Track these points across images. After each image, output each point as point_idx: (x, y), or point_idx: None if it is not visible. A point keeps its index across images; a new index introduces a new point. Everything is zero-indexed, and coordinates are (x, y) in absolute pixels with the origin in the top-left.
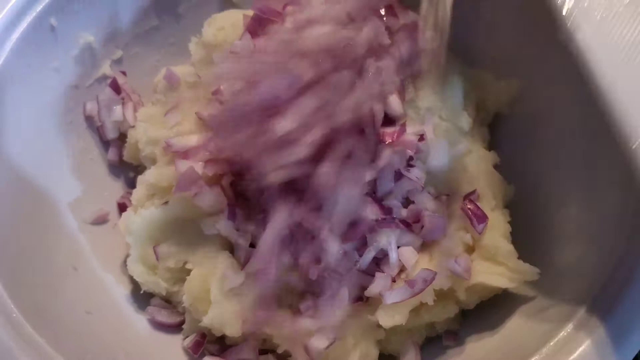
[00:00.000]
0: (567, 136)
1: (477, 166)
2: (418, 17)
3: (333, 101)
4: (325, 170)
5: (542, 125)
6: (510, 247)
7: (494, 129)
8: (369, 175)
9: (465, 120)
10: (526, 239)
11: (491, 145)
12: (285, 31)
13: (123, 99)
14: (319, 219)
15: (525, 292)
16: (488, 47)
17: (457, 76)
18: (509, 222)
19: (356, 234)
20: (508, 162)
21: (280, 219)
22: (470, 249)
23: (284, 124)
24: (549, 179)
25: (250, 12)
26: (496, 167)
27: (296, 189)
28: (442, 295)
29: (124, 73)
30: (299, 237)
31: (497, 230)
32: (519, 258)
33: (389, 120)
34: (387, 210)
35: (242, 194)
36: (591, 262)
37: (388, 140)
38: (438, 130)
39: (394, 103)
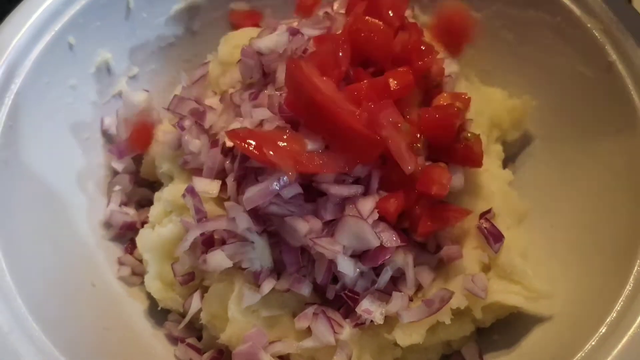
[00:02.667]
0: None
1: (492, 185)
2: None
3: None
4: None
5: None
6: (526, 266)
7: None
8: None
9: None
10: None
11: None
12: None
13: None
14: (334, 243)
15: (542, 311)
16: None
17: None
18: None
19: (376, 259)
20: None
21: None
22: (486, 268)
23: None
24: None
25: None
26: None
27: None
28: (458, 314)
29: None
30: (316, 258)
31: (513, 249)
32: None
33: None
34: (404, 237)
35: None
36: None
37: None
38: None
39: None
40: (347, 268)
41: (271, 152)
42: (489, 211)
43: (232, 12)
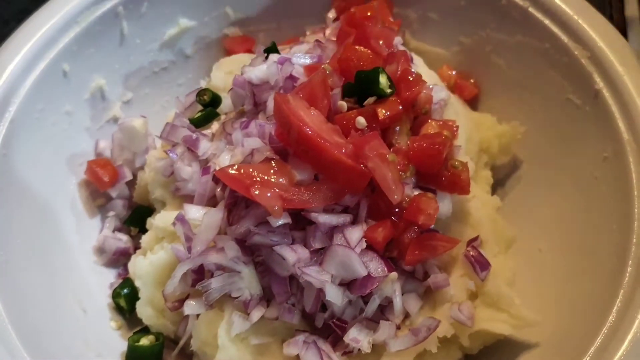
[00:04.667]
0: None
1: (480, 211)
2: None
3: None
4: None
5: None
6: (513, 294)
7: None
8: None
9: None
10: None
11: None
12: None
13: None
14: (322, 272)
15: (529, 338)
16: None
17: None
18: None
19: (364, 288)
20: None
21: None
22: (473, 295)
23: None
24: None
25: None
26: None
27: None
28: (445, 342)
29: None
30: (304, 286)
31: (500, 276)
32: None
33: None
34: (391, 266)
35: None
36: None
37: None
38: None
39: None
40: (335, 297)
41: (257, 192)
42: (476, 239)
43: (225, 38)
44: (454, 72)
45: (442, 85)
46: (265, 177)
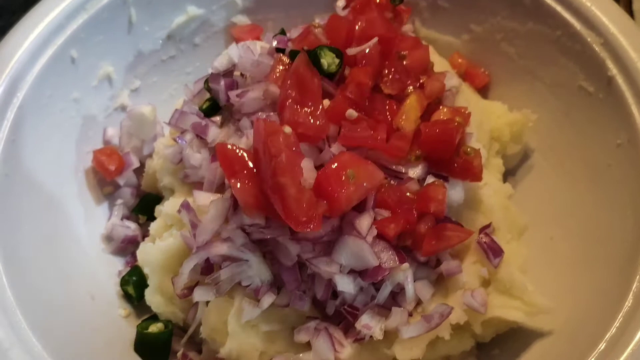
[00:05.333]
0: None
1: (492, 199)
2: None
3: None
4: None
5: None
6: (526, 281)
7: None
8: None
9: None
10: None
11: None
12: None
13: None
14: (331, 264)
15: (542, 326)
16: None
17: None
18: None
19: (375, 276)
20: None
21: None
22: (486, 283)
23: None
24: None
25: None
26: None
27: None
28: (458, 329)
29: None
30: (315, 274)
31: (513, 263)
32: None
33: None
34: (403, 257)
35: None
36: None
37: None
38: None
39: None
40: (346, 286)
41: (239, 185)
42: (488, 226)
43: (233, 26)
44: (464, 61)
45: (453, 73)
46: (254, 171)
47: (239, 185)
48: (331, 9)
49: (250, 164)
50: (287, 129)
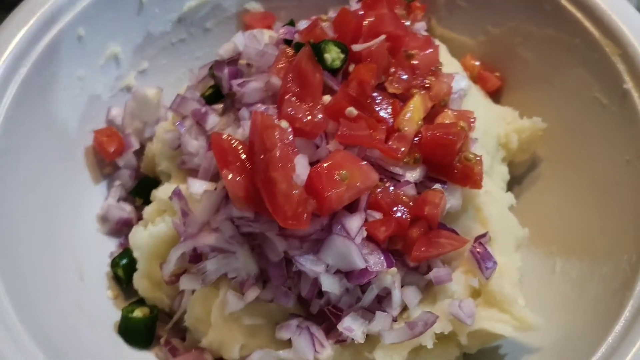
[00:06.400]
0: None
1: (492, 207)
2: None
3: None
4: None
5: None
6: (517, 295)
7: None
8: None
9: None
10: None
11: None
12: None
13: None
14: (317, 263)
15: (531, 342)
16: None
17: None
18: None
19: (362, 278)
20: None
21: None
22: (476, 293)
23: None
24: None
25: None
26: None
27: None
28: (443, 339)
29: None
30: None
31: (506, 275)
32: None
33: None
34: (391, 261)
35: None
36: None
37: None
38: None
39: None
40: (331, 286)
41: (230, 177)
42: (484, 235)
43: (246, 13)
44: (477, 63)
45: (463, 75)
46: (247, 163)
47: (230, 176)
48: (346, 2)
49: (244, 157)
50: (284, 124)
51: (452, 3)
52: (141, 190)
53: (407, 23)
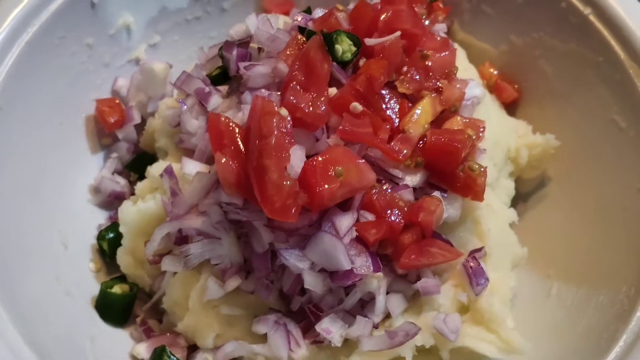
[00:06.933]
0: None
1: (491, 222)
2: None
3: None
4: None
5: None
6: (507, 315)
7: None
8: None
9: None
10: None
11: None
12: None
13: None
14: (301, 259)
15: None
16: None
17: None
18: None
19: (346, 279)
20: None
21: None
22: (464, 309)
23: None
24: None
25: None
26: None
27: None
28: (424, 352)
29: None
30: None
31: (496, 294)
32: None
33: None
34: (378, 266)
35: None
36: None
37: None
38: None
39: None
40: (314, 285)
41: (223, 160)
42: (480, 249)
43: None
44: (496, 72)
45: (479, 82)
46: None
47: (223, 160)
48: None
49: (240, 141)
50: (284, 112)
51: (477, 8)
52: (138, 165)
53: (427, 23)
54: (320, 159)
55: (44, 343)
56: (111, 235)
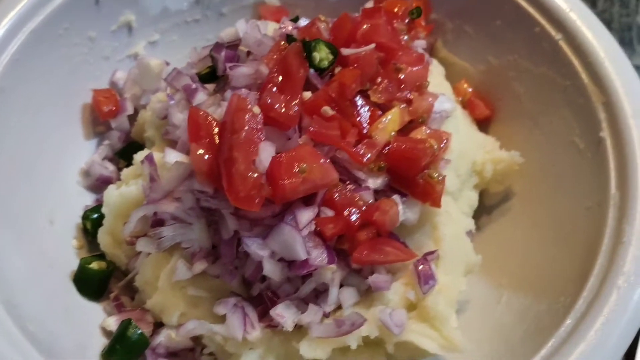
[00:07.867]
0: None
1: (448, 228)
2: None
3: None
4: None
5: None
6: (451, 315)
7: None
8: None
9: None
10: None
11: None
12: None
13: None
14: (263, 247)
15: None
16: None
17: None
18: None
19: (301, 269)
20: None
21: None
22: (412, 307)
23: None
24: None
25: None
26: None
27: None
28: (371, 344)
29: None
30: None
31: (444, 295)
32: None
33: None
34: (333, 259)
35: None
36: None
37: None
38: None
39: None
40: (273, 272)
41: (198, 151)
42: (432, 252)
43: (262, 4)
44: (470, 89)
45: (450, 97)
46: (217, 141)
47: (198, 151)
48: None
49: (215, 135)
50: (256, 109)
51: (459, 28)
52: (127, 153)
53: (405, 38)
54: (286, 155)
55: (21, 307)
56: (95, 215)
